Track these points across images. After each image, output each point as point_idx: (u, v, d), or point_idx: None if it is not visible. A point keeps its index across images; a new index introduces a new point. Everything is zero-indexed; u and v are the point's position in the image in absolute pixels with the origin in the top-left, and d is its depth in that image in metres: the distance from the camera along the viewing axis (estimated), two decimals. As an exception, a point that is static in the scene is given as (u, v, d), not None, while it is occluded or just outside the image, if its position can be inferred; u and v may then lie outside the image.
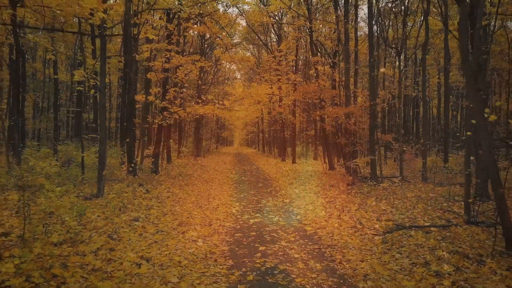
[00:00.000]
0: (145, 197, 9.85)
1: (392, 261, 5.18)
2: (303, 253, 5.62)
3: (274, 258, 5.37)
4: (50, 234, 5.63)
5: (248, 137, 68.77)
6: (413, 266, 4.95)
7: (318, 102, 16.28)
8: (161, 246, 5.77)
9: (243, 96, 24.23)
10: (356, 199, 10.10)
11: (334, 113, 13.91)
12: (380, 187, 11.81)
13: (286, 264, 5.11)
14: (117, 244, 5.73)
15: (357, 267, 5.00)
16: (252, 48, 38.36)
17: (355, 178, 13.06)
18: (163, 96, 15.44)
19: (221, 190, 12.23)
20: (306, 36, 21.16)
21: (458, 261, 4.92)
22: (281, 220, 7.92)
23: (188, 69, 15.36)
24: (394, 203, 9.38)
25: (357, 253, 5.57)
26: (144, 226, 6.94)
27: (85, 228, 6.42)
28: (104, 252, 5.34)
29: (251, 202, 10.21)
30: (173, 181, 13.49)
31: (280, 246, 5.98)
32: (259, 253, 5.57)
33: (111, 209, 8.07)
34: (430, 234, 6.29)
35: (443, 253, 5.24)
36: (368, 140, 13.51)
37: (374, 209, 8.71)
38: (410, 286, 4.32)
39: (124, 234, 6.28)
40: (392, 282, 4.46)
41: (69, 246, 5.41)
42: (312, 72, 20.59)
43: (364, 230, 6.86)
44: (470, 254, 5.20)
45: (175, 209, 8.60)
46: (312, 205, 9.51)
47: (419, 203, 9.21)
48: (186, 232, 6.64)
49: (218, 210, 8.79)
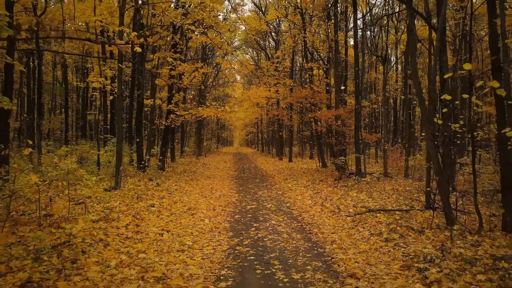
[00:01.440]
0: (156, 189, 11.36)
1: (356, 233, 6.70)
2: (288, 228, 7.14)
3: (265, 231, 6.89)
4: (88, 213, 7.14)
5: (247, 137, 70.27)
6: (371, 235, 6.47)
7: (309, 106, 17.79)
8: (176, 223, 7.28)
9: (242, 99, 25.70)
10: (340, 191, 11.61)
11: (324, 115, 15.43)
12: (364, 181, 13.32)
13: (274, 235, 6.62)
14: (140, 222, 7.24)
15: (328, 237, 6.52)
16: (252, 52, 39.90)
17: (342, 174, 14.57)
18: (169, 100, 16.95)
19: (222, 185, 13.74)
20: (302, 42, 22.65)
21: (404, 231, 6.43)
22: (273, 206, 9.43)
23: (192, 75, 16.86)
24: (372, 194, 10.88)
25: (330, 228, 7.09)
26: (160, 210, 8.45)
27: (113, 211, 7.92)
28: (132, 227, 6.85)
29: (248, 193, 11.73)
30: (179, 176, 15.00)
31: (270, 224, 7.50)
32: (253, 228, 7.09)
33: (129, 198, 9.57)
34: (392, 216, 7.80)
35: (395, 227, 6.75)
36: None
37: (353, 198, 10.22)
38: (364, 248, 5.83)
39: (145, 215, 7.79)
40: (352, 246, 5.98)
41: (104, 223, 6.91)
42: (307, 76, 22.10)
43: (341, 214, 8.37)
44: (415, 227, 6.71)
45: (183, 199, 10.11)
46: (301, 196, 11.04)
47: (394, 195, 10.71)
48: (194, 214, 8.16)
49: (220, 199, 10.31)
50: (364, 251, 5.69)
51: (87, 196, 7.59)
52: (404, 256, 5.35)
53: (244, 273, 4.78)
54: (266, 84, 24.98)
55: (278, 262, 5.19)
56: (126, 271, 4.65)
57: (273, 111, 23.69)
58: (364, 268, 4.93)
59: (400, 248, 5.70)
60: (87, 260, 4.96)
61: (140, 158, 15.38)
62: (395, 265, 5.04)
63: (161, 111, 23.23)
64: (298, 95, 17.35)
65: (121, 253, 5.39)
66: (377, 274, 4.73)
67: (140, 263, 4.99)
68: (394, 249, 5.66)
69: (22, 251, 4.97)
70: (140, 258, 5.18)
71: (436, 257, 5.08)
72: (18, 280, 4.07)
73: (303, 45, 20.29)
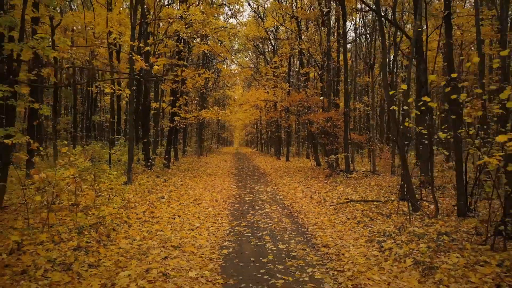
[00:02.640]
0: (164, 185, 12.69)
1: (335, 218, 8.03)
2: (279, 215, 8.47)
3: (260, 217, 8.22)
4: (111, 202, 8.46)
5: (247, 137, 71.56)
6: (347, 220, 7.80)
7: (302, 109, 19.12)
8: (184, 211, 8.61)
9: (242, 102, 27.03)
10: (329, 186, 12.94)
11: (317, 117, 16.76)
12: (352, 178, 14.64)
13: (267, 219, 7.95)
14: (154, 209, 8.57)
15: (311, 220, 7.85)
16: (251, 54, 41.22)
17: (333, 171, 15.89)
18: (173, 103, 18.28)
19: (223, 181, 15.07)
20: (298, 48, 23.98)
21: (375, 216, 7.76)
22: (268, 198, 10.76)
23: (195, 80, 18.19)
24: (357, 188, 12.20)
25: (314, 215, 8.42)
26: (169, 201, 9.78)
27: (130, 201, 9.25)
28: (148, 213, 8.17)
29: (247, 188, 13.06)
30: (183, 174, 16.33)
31: (265, 211, 8.83)
32: (250, 214, 8.42)
33: (141, 191, 10.89)
34: (369, 205, 9.12)
35: (368, 213, 8.08)
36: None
37: (339, 192, 11.54)
38: (340, 228, 7.16)
39: (157, 205, 9.11)
40: (330, 227, 7.30)
41: (125, 210, 8.23)
42: (303, 80, 23.42)
43: (325, 204, 9.70)
44: (384, 213, 8.04)
45: (189, 192, 11.44)
46: (294, 190, 12.37)
47: (377, 189, 12.02)
48: (200, 204, 9.49)
49: (221, 193, 11.64)
50: (339, 230, 7.03)
51: (110, 188, 8.91)
52: (370, 233, 6.68)
53: (241, 244, 6.11)
54: (265, 86, 26.34)
55: (268, 237, 6.52)
56: (150, 242, 5.98)
57: (270, 114, 25.02)
58: (336, 242, 6.26)
59: (368, 227, 7.03)
60: (117, 235, 6.29)
61: (147, 157, 16.69)
62: (362, 240, 6.37)
63: (163, 113, 24.59)
64: (293, 99, 18.68)
65: (142, 231, 6.72)
66: (346, 245, 6.06)
67: (159, 237, 6.32)
68: (363, 229, 6.99)
69: (65, 229, 6.29)
70: (158, 235, 6.51)
71: (393, 233, 6.41)
72: (71, 246, 5.39)
73: (299, 52, 21.62)
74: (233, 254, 5.60)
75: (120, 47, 19.09)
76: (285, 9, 21.00)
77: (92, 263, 5.02)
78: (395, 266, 5.07)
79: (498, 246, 5.47)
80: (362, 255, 5.53)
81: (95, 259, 5.15)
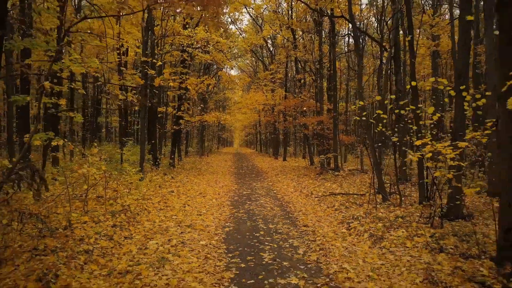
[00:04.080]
0: (172, 181, 14.33)
1: (317, 207, 9.68)
2: (271, 205, 10.12)
3: (255, 206, 9.87)
4: (131, 194, 10.11)
5: (247, 138, 73.23)
6: (327, 208, 9.45)
7: (295, 113, 20.80)
8: (192, 201, 10.27)
9: (241, 106, 28.67)
10: (318, 182, 14.58)
11: (309, 121, 18.41)
12: (340, 175, 16.29)
13: (261, 208, 9.60)
14: (167, 200, 10.21)
15: (298, 208, 9.50)
16: (250, 58, 42.89)
17: (323, 170, 17.54)
18: (178, 108, 19.94)
19: (224, 178, 16.72)
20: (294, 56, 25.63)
21: (350, 205, 9.41)
22: (263, 192, 12.42)
23: (198, 86, 19.85)
24: (343, 184, 13.84)
25: (301, 204, 10.07)
26: (178, 194, 11.42)
27: (145, 195, 10.88)
28: (162, 203, 9.82)
29: (245, 184, 14.71)
30: (188, 172, 17.98)
31: (260, 202, 10.48)
32: (247, 204, 10.07)
33: (153, 186, 12.53)
34: (348, 197, 10.76)
35: (345, 203, 9.73)
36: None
37: (326, 187, 13.18)
38: (320, 214, 8.80)
39: (169, 197, 10.76)
40: (312, 213, 8.95)
41: (142, 200, 9.86)
42: (299, 85, 25.06)
43: (312, 196, 11.35)
44: (359, 203, 9.69)
45: (194, 187, 13.08)
46: (286, 185, 14.02)
47: (360, 185, 13.66)
48: (205, 196, 11.15)
49: (223, 188, 13.30)
50: (319, 216, 8.67)
51: (130, 182, 10.56)
52: (343, 217, 8.32)
53: (239, 225, 7.76)
54: (263, 90, 28.01)
55: (261, 220, 8.17)
56: (168, 223, 7.64)
57: (267, 117, 26.68)
58: (314, 223, 7.91)
59: (342, 213, 8.68)
60: (141, 218, 7.94)
61: (155, 157, 18.34)
62: (335, 222, 8.02)
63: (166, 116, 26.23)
64: (288, 104, 20.35)
65: (160, 216, 8.36)
66: (321, 226, 7.70)
67: (174, 220, 7.97)
68: (338, 214, 8.65)
69: (100, 213, 7.92)
70: (173, 218, 8.16)
71: (361, 217, 8.06)
72: (108, 225, 7.03)
73: (295, 59, 23.29)
74: (233, 231, 7.25)
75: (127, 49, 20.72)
76: (281, 20, 22.65)
77: (126, 236, 6.67)
78: (355, 238, 6.73)
79: (437, 225, 7.11)
80: (332, 232, 7.18)
81: (128, 234, 6.80)
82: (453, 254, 5.43)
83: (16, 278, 4.29)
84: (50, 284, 4.35)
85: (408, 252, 5.75)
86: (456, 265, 4.89)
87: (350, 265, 5.25)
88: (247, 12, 30.26)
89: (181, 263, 5.28)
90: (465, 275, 4.57)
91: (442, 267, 4.89)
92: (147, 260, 5.41)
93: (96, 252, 5.64)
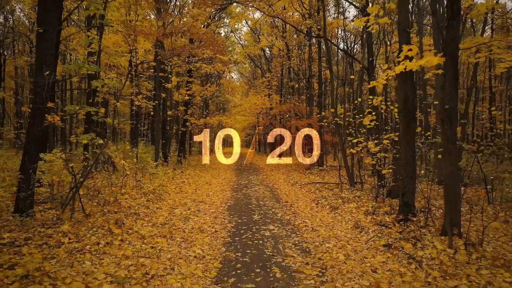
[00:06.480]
0: (181, 174, 17.09)
1: (299, 192, 12.45)
2: (263, 190, 12.89)
3: (250, 191, 12.64)
4: (153, 182, 12.87)
5: (246, 138, 75.89)
6: (307, 193, 12.22)
7: (287, 117, 23.61)
8: (201, 188, 13.04)
9: (240, 110, 31.42)
10: (304, 175, 17.35)
11: (301, 123, 21.17)
12: (325, 170, 19.05)
13: (255, 192, 12.37)
14: (181, 187, 12.98)
15: (283, 193, 12.27)
16: (248, 63, 45.69)
17: (311, 166, 20.30)
18: (185, 112, 22.73)
19: (225, 173, 19.49)
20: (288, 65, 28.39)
21: (323, 189, 12.17)
22: (258, 182, 15.20)
23: (202, 93, 22.64)
24: (325, 177, 16.59)
25: (286, 190, 12.84)
26: (189, 183, 14.18)
27: (162, 183, 13.63)
28: (177, 189, 12.58)
29: (243, 177, 17.49)
30: (194, 167, 20.75)
31: (254, 189, 13.26)
32: (244, 190, 12.86)
33: (167, 178, 15.28)
34: (324, 185, 13.50)
35: (320, 188, 12.49)
36: (324, 141, 20.74)
37: (310, 179, 15.93)
38: (299, 196, 11.56)
39: (182, 185, 13.52)
40: (293, 195, 11.72)
41: (162, 187, 12.61)
42: (291, 92, 27.84)
43: (296, 185, 14.12)
44: (331, 188, 12.45)
45: (201, 179, 15.85)
46: (278, 178, 16.80)
47: (337, 177, 16.40)
48: (210, 185, 13.93)
49: (225, 179, 16.08)
50: (298, 197, 11.44)
51: (152, 173, 13.35)
52: (315, 197, 11.08)
53: (238, 201, 10.54)
54: (261, 95, 30.79)
55: (254, 199, 10.95)
56: (185, 200, 10.41)
57: (264, 120, 29.47)
58: (293, 201, 10.68)
59: (315, 195, 11.45)
60: (165, 197, 10.71)
61: (165, 154, 21.11)
62: (309, 200, 10.79)
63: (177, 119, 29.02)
64: (283, 108, 23.12)
65: (178, 197, 11.12)
66: (298, 202, 10.47)
67: (190, 198, 10.74)
68: (312, 195, 11.41)
69: (134, 193, 10.65)
70: (189, 198, 10.93)
71: (328, 197, 10.82)
72: (143, 200, 9.78)
73: (288, 68, 26.07)
74: (233, 205, 10.02)
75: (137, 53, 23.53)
76: (276, 34, 25.45)
77: (158, 207, 9.44)
78: (319, 209, 9.50)
79: (380, 200, 9.87)
80: (304, 205, 9.95)
81: (158, 206, 9.56)
82: (378, 214, 8.20)
83: (102, 222, 7.04)
84: (122, 226, 7.11)
85: (352, 216, 8.51)
86: (374, 218, 7.66)
87: (310, 221, 8.02)
88: (246, 24, 33.06)
89: (199, 220, 8.05)
90: (376, 222, 7.34)
91: (366, 219, 7.66)
92: (176, 219, 8.18)
93: (141, 214, 8.41)
